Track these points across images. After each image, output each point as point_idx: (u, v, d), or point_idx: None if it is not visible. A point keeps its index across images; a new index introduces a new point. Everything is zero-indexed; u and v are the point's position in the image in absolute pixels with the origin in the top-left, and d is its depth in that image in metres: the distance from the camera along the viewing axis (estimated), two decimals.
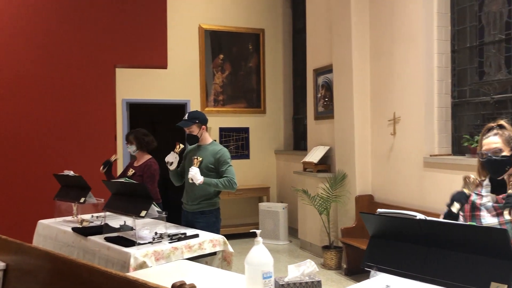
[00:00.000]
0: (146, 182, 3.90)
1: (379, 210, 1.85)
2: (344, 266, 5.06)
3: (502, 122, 2.35)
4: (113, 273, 1.75)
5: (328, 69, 5.89)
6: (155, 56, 5.57)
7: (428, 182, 4.42)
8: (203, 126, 3.64)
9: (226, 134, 7.16)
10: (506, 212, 2.06)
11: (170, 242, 2.92)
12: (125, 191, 3.28)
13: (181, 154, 3.62)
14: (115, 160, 4.41)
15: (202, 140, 3.66)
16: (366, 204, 5.13)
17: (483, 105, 4.18)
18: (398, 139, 4.83)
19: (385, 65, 4.98)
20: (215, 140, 3.84)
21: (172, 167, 3.59)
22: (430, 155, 4.45)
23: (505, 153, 2.23)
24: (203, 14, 7.04)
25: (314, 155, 5.96)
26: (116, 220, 3.46)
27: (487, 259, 1.51)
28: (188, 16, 6.94)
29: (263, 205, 6.74)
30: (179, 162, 3.66)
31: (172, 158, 3.56)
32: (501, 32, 4.01)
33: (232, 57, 7.27)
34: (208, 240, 3.09)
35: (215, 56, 7.16)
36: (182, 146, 3.61)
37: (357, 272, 4.86)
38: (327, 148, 5.87)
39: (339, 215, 5.43)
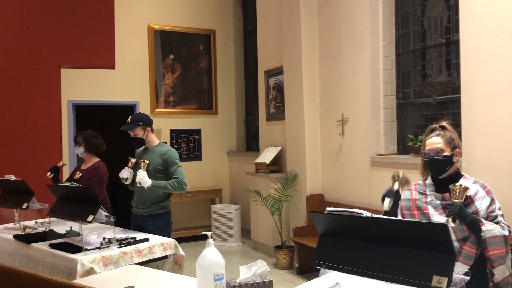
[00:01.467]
0: (94, 186, 3.78)
1: (328, 208, 1.88)
2: (296, 265, 5.12)
3: (444, 123, 2.45)
4: (58, 281, 1.68)
5: (279, 71, 5.96)
6: (102, 56, 5.40)
7: (375, 181, 4.56)
8: (148, 128, 3.57)
9: (177, 136, 7.07)
10: (450, 220, 2.15)
11: (119, 247, 2.85)
12: (71, 196, 3.16)
13: (135, 168, 3.51)
14: (63, 166, 4.23)
15: (149, 142, 3.60)
16: (317, 203, 5.22)
17: (426, 106, 4.36)
18: (347, 140, 4.95)
19: (334, 67, 5.09)
20: (165, 142, 3.77)
21: (127, 183, 3.51)
22: (377, 155, 4.59)
23: (446, 153, 2.32)
24: (152, 14, 6.92)
25: (266, 156, 6.00)
26: (61, 226, 3.33)
27: (429, 254, 1.57)
28: (137, 15, 6.80)
29: (215, 207, 6.71)
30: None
31: (126, 174, 3.46)
32: (442, 36, 4.20)
33: (182, 57, 7.19)
34: (159, 244, 3.04)
35: (165, 56, 7.05)
36: (134, 160, 3.51)
37: (309, 270, 4.93)
38: (279, 148, 5.92)
39: (291, 215, 5.50)
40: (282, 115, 5.84)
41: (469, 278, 1.66)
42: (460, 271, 2.09)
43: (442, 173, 2.34)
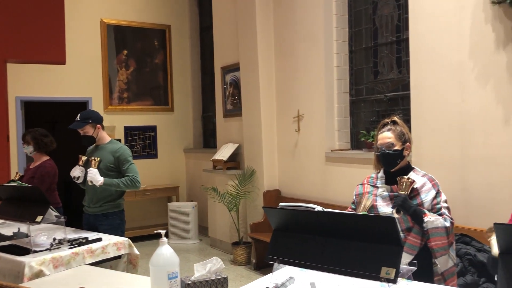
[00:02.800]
0: (36, 184, 3.63)
1: (281, 204, 1.90)
2: (254, 261, 5.15)
3: (395, 118, 2.53)
4: (4, 285, 1.61)
5: (235, 67, 5.95)
6: (52, 51, 5.21)
7: (330, 176, 4.65)
8: (98, 125, 3.49)
9: (131, 133, 6.92)
10: (394, 211, 2.23)
11: (70, 248, 2.76)
12: (18, 196, 3.04)
13: (86, 166, 3.41)
14: (20, 177, 3.97)
15: (100, 140, 3.51)
16: (274, 199, 5.27)
17: (378, 103, 4.48)
18: (302, 136, 5.01)
19: (289, 64, 5.14)
20: (119, 140, 3.69)
21: (79, 181, 3.41)
22: (331, 150, 4.67)
23: (397, 147, 2.41)
24: (105, 8, 6.73)
25: (224, 152, 5.98)
26: (9, 228, 3.19)
27: (378, 246, 1.61)
28: (89, 9, 6.59)
29: (172, 205, 6.63)
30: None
31: (78, 173, 3.36)
32: (393, 34, 4.33)
33: (137, 53, 7.04)
34: (112, 244, 2.97)
35: (118, 52, 6.89)
36: (85, 158, 3.42)
37: (266, 266, 4.97)
38: (236, 145, 5.92)
39: (248, 211, 5.52)
40: (239, 112, 5.85)
41: (415, 268, 1.72)
42: (404, 261, 2.17)
43: (394, 166, 2.42)
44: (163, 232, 2.07)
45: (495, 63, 3.17)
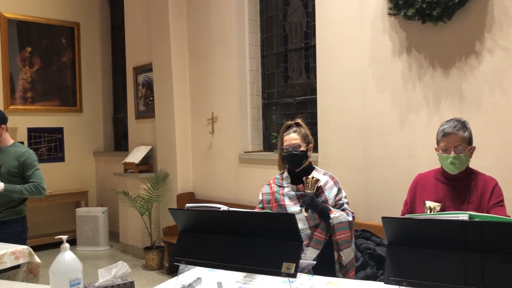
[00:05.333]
0: None
1: (187, 205, 1.91)
2: (166, 265, 5.08)
3: (298, 120, 2.64)
4: None
5: (148, 68, 5.83)
6: None
7: (243, 177, 4.72)
8: (3, 126, 3.26)
9: (36, 135, 6.50)
10: (303, 210, 2.35)
11: None
12: None
13: None
14: None
15: (2, 142, 3.28)
16: (188, 201, 5.22)
17: (288, 106, 4.64)
18: (216, 138, 5.04)
19: (203, 67, 5.15)
20: (21, 142, 3.46)
21: None
22: (245, 152, 4.75)
23: (302, 148, 2.52)
24: (6, 2, 6.26)
25: (136, 155, 5.83)
26: None
27: (279, 242, 1.68)
28: None
29: (80, 211, 6.32)
30: None
31: None
32: (301, 40, 4.51)
33: (42, 50, 6.63)
34: (10, 253, 2.77)
35: (22, 48, 6.44)
36: None
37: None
38: (149, 147, 5.80)
39: (162, 215, 5.42)
40: (152, 113, 5.73)
41: (315, 262, 1.81)
42: (311, 256, 2.28)
43: (299, 166, 2.54)
44: (64, 237, 1.98)
45: (392, 70, 3.42)
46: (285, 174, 2.59)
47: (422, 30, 3.24)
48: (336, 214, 2.36)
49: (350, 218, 2.41)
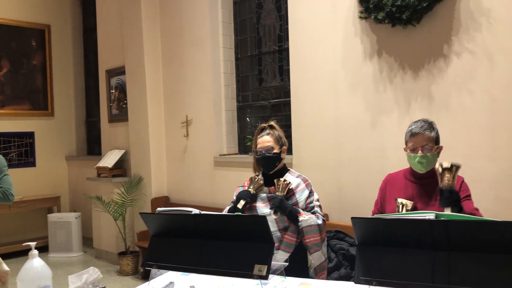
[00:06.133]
0: None
1: (158, 209, 1.89)
2: (141, 270, 5.01)
3: (272, 123, 2.66)
4: None
5: (121, 71, 5.76)
6: None
7: (218, 180, 4.71)
8: None
9: (5, 140, 6.34)
10: (272, 212, 2.35)
11: None
12: None
13: None
14: None
15: None
16: (162, 205, 5.16)
17: (263, 109, 4.65)
18: (191, 141, 5.01)
19: (177, 69, 5.12)
20: None
21: None
22: (220, 155, 4.74)
23: (276, 150, 2.53)
24: None
25: (109, 159, 5.75)
26: None
27: (251, 244, 1.68)
28: None
29: (52, 216, 6.19)
30: None
31: None
32: (275, 43, 4.53)
33: (11, 53, 6.48)
34: None
35: None
36: None
37: None
38: (122, 151, 5.73)
39: (136, 220, 5.36)
40: (126, 117, 5.66)
41: (287, 264, 1.82)
42: (281, 258, 2.29)
43: (273, 168, 2.55)
44: (32, 244, 1.95)
45: (363, 73, 3.47)
46: (260, 176, 2.60)
47: (392, 34, 3.30)
48: (305, 217, 2.37)
49: (320, 221, 2.41)
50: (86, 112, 7.24)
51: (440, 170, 2.02)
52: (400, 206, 2.26)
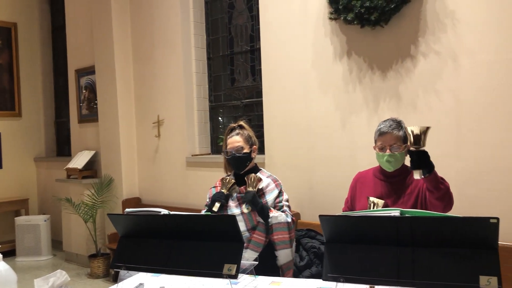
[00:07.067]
0: None
1: (127, 210, 1.87)
2: (112, 272, 4.94)
3: (241, 123, 2.66)
4: None
5: (91, 70, 5.66)
6: None
7: (191, 180, 4.68)
8: None
9: None
10: (244, 206, 2.35)
11: None
12: None
13: None
14: None
15: None
16: (134, 207, 5.11)
17: (235, 108, 4.65)
18: (163, 141, 4.97)
19: (148, 69, 5.06)
20: None
21: None
22: (192, 155, 4.72)
23: (246, 150, 2.53)
24: None
25: (79, 160, 5.64)
26: None
27: (221, 244, 1.68)
28: None
29: (20, 219, 6.02)
30: None
31: None
32: (247, 43, 4.54)
33: None
34: None
35: None
36: None
37: None
38: (92, 152, 5.63)
39: (107, 221, 5.27)
40: (96, 117, 5.57)
41: (257, 263, 1.83)
42: (250, 257, 2.30)
43: (243, 168, 2.54)
44: None
45: (333, 73, 3.52)
46: (231, 176, 2.60)
47: (361, 34, 3.35)
48: (275, 214, 2.38)
49: (289, 219, 2.42)
50: (55, 113, 7.09)
51: (412, 134, 2.04)
52: (372, 204, 2.30)
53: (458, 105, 2.94)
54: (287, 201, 2.53)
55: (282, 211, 2.45)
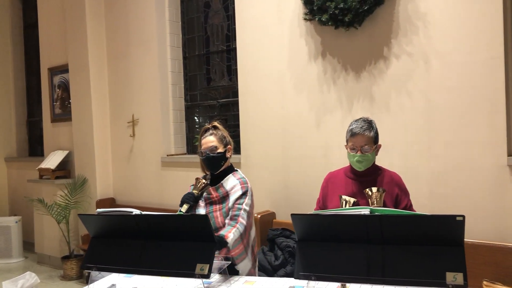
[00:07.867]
0: None
1: (98, 210, 1.84)
2: (86, 274, 4.86)
3: (215, 123, 2.64)
4: None
5: (64, 69, 5.56)
6: None
7: (166, 180, 4.65)
8: None
9: None
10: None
11: None
12: None
13: None
14: None
15: None
16: (108, 207, 5.04)
17: (211, 108, 4.64)
18: (138, 141, 4.92)
19: (123, 68, 5.00)
20: None
21: None
22: (167, 155, 4.68)
23: (220, 150, 2.52)
24: None
25: (52, 160, 5.53)
26: None
27: (193, 244, 1.67)
28: None
29: None
30: None
31: None
32: (223, 43, 4.53)
33: None
34: None
35: None
36: None
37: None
38: (66, 152, 5.53)
39: (80, 222, 5.18)
40: (69, 116, 5.47)
41: (230, 262, 1.83)
42: (247, 266, 2.28)
43: (218, 168, 2.52)
44: None
45: (308, 73, 3.54)
46: (208, 176, 2.58)
47: (336, 35, 3.39)
48: (230, 236, 2.26)
49: (241, 229, 2.33)
50: (28, 112, 6.93)
51: (370, 193, 2.18)
52: (344, 202, 2.32)
53: (429, 106, 3.00)
54: (249, 206, 2.43)
55: (236, 216, 2.36)
